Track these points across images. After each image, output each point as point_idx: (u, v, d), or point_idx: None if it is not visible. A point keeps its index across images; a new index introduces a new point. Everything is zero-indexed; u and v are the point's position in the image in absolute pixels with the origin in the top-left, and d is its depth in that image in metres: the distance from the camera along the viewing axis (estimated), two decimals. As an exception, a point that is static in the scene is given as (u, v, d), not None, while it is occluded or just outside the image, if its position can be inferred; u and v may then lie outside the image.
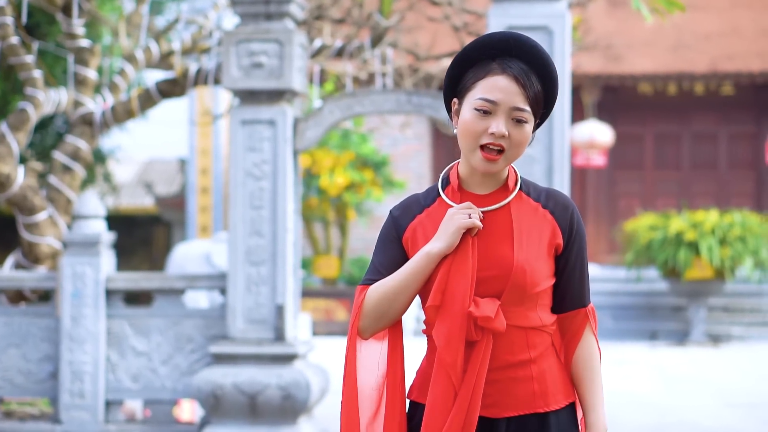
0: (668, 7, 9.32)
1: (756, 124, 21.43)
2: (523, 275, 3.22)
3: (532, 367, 3.27)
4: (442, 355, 3.19)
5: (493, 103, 3.17)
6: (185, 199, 22.33)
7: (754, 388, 13.06)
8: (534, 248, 3.26)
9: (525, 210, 3.31)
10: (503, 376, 3.24)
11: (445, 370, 3.19)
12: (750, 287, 19.11)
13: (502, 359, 3.23)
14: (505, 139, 3.19)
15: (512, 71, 3.19)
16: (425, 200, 3.36)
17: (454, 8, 11.00)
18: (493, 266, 3.22)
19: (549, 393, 3.29)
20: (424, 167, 21.25)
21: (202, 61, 10.67)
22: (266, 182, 8.49)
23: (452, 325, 3.19)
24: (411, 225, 3.33)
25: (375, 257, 3.36)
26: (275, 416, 8.40)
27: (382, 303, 3.28)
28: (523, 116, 3.19)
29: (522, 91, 3.19)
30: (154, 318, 8.81)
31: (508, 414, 3.25)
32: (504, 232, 3.26)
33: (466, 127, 3.21)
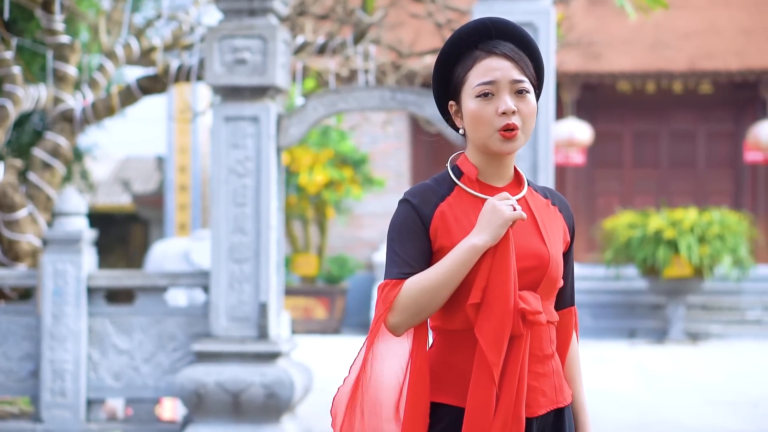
0: (652, 5, 9.33)
1: (734, 123, 21.48)
2: (557, 269, 3.22)
3: (553, 362, 3.26)
4: (487, 354, 3.10)
5: (492, 84, 3.15)
6: (163, 197, 22.25)
7: (734, 386, 13.08)
8: (557, 243, 3.26)
9: (540, 205, 3.29)
10: (535, 373, 3.19)
11: (489, 370, 3.10)
12: (728, 285, 19.16)
13: (533, 354, 3.19)
14: (516, 115, 3.15)
15: (499, 50, 3.17)
16: (440, 188, 3.24)
17: (437, 5, 10.98)
18: (529, 258, 3.17)
19: (563, 387, 3.30)
20: (403, 165, 21.22)
21: (183, 57, 10.61)
22: (249, 179, 8.45)
23: (498, 323, 3.10)
24: (436, 213, 3.19)
25: (400, 249, 3.19)
26: (258, 415, 8.36)
27: (423, 297, 3.13)
28: (523, 87, 3.16)
29: (514, 64, 3.16)
30: (137, 316, 8.75)
31: (540, 412, 3.21)
32: (529, 224, 3.22)
33: (475, 117, 3.17)
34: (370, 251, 20.99)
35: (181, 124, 21.07)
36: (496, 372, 3.09)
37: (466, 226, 3.18)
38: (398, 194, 21.06)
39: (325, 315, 19.37)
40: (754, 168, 21.19)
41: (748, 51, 20.56)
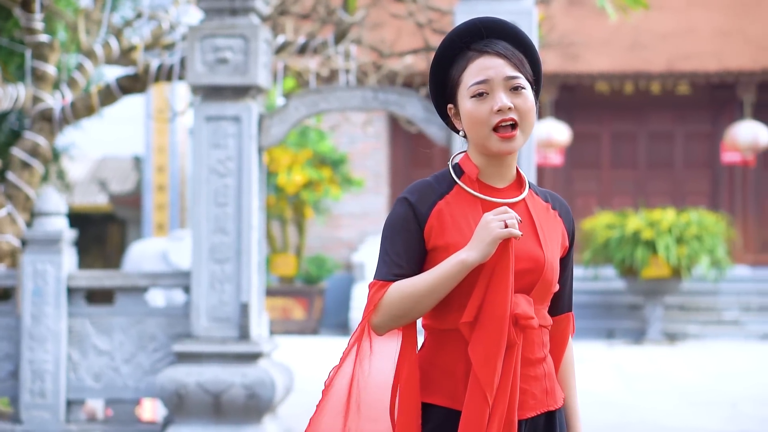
0: (632, 5, 9.34)
1: (712, 124, 21.55)
2: (552, 273, 3.20)
3: (544, 366, 3.25)
4: (479, 376, 3.09)
5: (485, 83, 3.14)
6: (141, 197, 22.18)
7: (713, 387, 13.11)
8: (555, 247, 3.24)
9: (539, 208, 3.27)
10: (525, 375, 3.18)
11: (481, 389, 3.09)
12: (706, 286, 19.22)
13: (524, 357, 3.18)
14: (513, 111, 3.14)
15: (490, 49, 3.16)
16: (440, 186, 3.22)
17: (418, 5, 10.97)
18: (524, 260, 3.15)
19: (555, 390, 3.29)
20: (381, 165, 21.21)
21: (163, 57, 10.57)
22: (231, 179, 8.42)
23: (492, 344, 3.09)
24: (433, 212, 3.18)
25: (391, 248, 3.18)
26: (240, 415, 8.33)
27: (405, 303, 3.13)
28: (518, 83, 3.15)
29: (507, 61, 3.15)
30: (117, 316, 8.71)
31: (529, 415, 3.21)
32: (527, 227, 3.21)
33: (471, 117, 3.16)
34: (348, 251, 20.97)
35: (159, 124, 21.01)
36: (490, 394, 3.08)
37: (462, 225, 3.17)
38: (376, 194, 21.07)
39: (303, 315, 19.34)
40: (731, 169, 21.26)
41: (725, 52, 20.63)
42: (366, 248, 20.36)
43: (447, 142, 8.38)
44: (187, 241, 15.01)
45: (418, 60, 13.27)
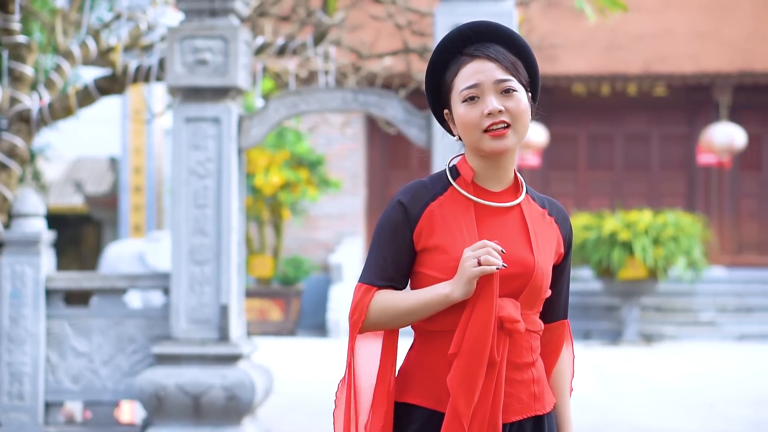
0: (611, 7, 9.36)
1: (688, 125, 21.62)
2: (542, 278, 3.20)
3: (532, 371, 3.25)
4: (456, 405, 3.11)
5: (475, 87, 3.15)
6: (117, 198, 22.11)
7: (689, 387, 13.16)
8: (547, 253, 3.25)
9: (535, 214, 3.28)
10: (510, 379, 3.19)
11: (458, 418, 3.11)
12: (682, 287, 19.30)
13: (510, 362, 3.18)
14: (504, 114, 3.15)
15: (480, 53, 3.17)
16: (435, 187, 3.24)
17: (398, 7, 10.96)
18: (513, 265, 3.15)
19: (544, 395, 3.29)
20: (358, 167, 21.20)
21: (142, 58, 10.53)
22: (210, 180, 8.40)
23: (470, 376, 3.11)
24: (425, 213, 3.21)
25: (379, 251, 3.23)
26: (219, 417, 8.31)
27: (386, 317, 3.21)
28: (509, 85, 3.16)
29: (497, 65, 3.16)
30: (95, 318, 8.68)
31: (513, 419, 3.21)
32: (518, 232, 3.22)
33: (463, 121, 3.17)
34: (325, 253, 20.96)
35: (135, 125, 20.95)
36: (465, 420, 3.10)
37: (452, 227, 3.18)
38: (354, 196, 21.07)
39: (280, 317, 19.31)
40: (707, 170, 21.34)
41: (701, 54, 20.71)
42: (343, 249, 20.36)
43: (427, 144, 8.38)
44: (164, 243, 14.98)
45: (397, 61, 13.28)
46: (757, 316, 19.14)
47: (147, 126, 20.98)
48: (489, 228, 3.20)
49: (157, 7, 11.26)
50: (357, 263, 20.64)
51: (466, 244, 3.15)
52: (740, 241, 21.51)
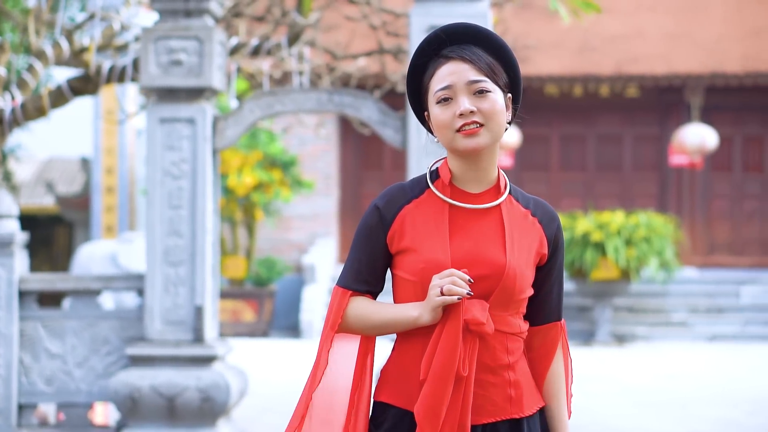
0: (585, 8, 9.38)
1: (659, 126, 21.71)
2: (514, 279, 3.18)
3: (509, 373, 3.23)
4: (422, 428, 3.13)
5: (448, 88, 3.16)
6: (90, 199, 22.03)
7: (662, 388, 13.20)
8: (524, 254, 3.23)
9: (515, 215, 3.27)
10: (483, 381, 3.18)
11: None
12: (654, 287, 19.37)
13: (483, 364, 3.18)
14: (477, 114, 3.16)
15: (454, 54, 3.18)
16: (412, 190, 3.27)
17: (372, 8, 10.96)
18: (484, 266, 3.16)
19: (523, 399, 3.26)
20: (332, 167, 21.20)
21: (115, 58, 10.50)
22: (185, 181, 8.38)
23: (435, 401, 3.12)
24: (398, 217, 3.25)
25: (355, 256, 3.28)
26: (194, 419, 8.29)
27: (359, 326, 3.27)
28: (482, 86, 3.16)
29: (471, 66, 3.17)
30: (69, 320, 8.63)
31: (485, 420, 3.21)
32: (494, 233, 3.22)
33: (437, 121, 3.19)
34: (298, 253, 20.94)
35: (108, 125, 20.88)
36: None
37: (424, 229, 3.21)
38: (327, 196, 21.06)
39: (253, 318, 19.28)
40: (678, 171, 21.43)
41: (673, 55, 20.80)
42: (316, 250, 20.35)
43: (402, 145, 8.38)
44: (136, 244, 14.93)
45: (371, 62, 13.28)
46: (728, 317, 19.24)
47: (119, 126, 20.91)
48: (462, 230, 3.21)
49: (131, 7, 11.22)
50: (330, 264, 20.64)
51: (435, 246, 3.18)
52: (712, 242, 21.61)
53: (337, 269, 20.98)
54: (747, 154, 21.67)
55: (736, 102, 21.47)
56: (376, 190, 21.49)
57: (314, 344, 18.06)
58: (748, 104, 21.56)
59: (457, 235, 3.20)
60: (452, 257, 3.16)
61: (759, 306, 19.47)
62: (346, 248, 21.58)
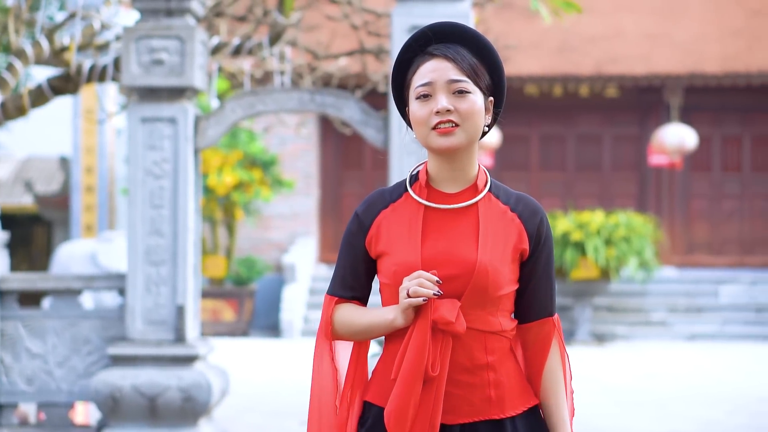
0: (566, 8, 9.40)
1: (639, 126, 21.77)
2: (486, 277, 3.16)
3: (488, 373, 3.21)
4: (390, 428, 3.16)
5: (428, 85, 3.17)
6: (69, 198, 21.97)
7: (641, 387, 13.24)
8: (499, 251, 3.20)
9: (493, 212, 3.25)
10: (458, 381, 3.18)
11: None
12: (633, 287, 19.43)
13: (459, 363, 3.17)
14: (453, 113, 3.16)
15: (438, 52, 3.19)
16: (391, 195, 3.30)
17: (353, 7, 10.96)
18: (455, 265, 3.16)
19: (506, 399, 3.23)
20: (312, 167, 21.19)
21: (96, 57, 10.47)
22: (167, 181, 8.36)
23: (403, 402, 3.14)
24: (375, 222, 3.28)
25: (340, 263, 3.34)
26: (175, 418, 8.28)
27: (345, 332, 3.32)
28: (462, 86, 3.17)
29: (454, 65, 3.18)
30: (50, 319, 8.61)
31: (462, 421, 3.20)
32: (470, 232, 3.21)
33: (414, 117, 3.21)
34: (278, 253, 20.93)
35: (87, 124, 20.82)
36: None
37: (397, 232, 3.24)
38: (307, 196, 21.05)
39: (233, 317, 19.26)
40: (658, 171, 21.49)
41: (652, 56, 20.86)
42: (296, 249, 20.33)
43: (384, 144, 8.38)
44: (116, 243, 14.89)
45: (353, 62, 13.28)
46: (707, 316, 19.31)
47: (99, 125, 20.86)
48: (436, 230, 3.22)
49: (111, 6, 11.19)
50: (310, 263, 20.63)
51: (407, 248, 3.20)
52: (691, 242, 21.68)
53: (317, 269, 20.97)
54: (726, 154, 21.76)
55: (715, 102, 21.55)
56: (356, 189, 21.49)
57: (294, 343, 18.09)
58: (727, 104, 21.64)
59: (431, 236, 3.20)
60: (423, 258, 3.17)
61: (738, 305, 19.56)
62: (327, 248, 21.58)
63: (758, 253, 21.47)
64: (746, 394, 12.75)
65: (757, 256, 21.44)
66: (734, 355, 16.81)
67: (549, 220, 12.91)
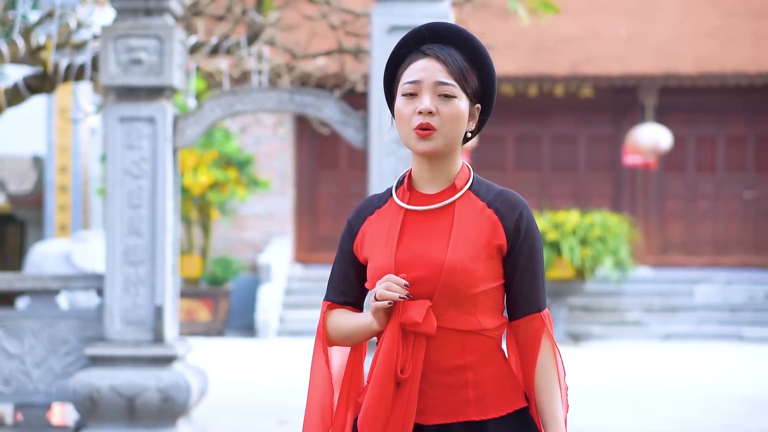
0: (544, 9, 9.42)
1: (614, 126, 21.81)
2: (455, 276, 3.14)
3: (467, 374, 3.18)
4: (362, 426, 3.19)
5: (415, 83, 3.18)
6: (43, 198, 21.87)
7: (618, 387, 13.27)
8: (471, 249, 3.17)
9: (470, 210, 3.23)
10: (434, 382, 3.17)
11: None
12: (609, 287, 19.47)
13: (435, 364, 3.16)
14: (435, 117, 3.17)
15: (431, 52, 3.20)
16: (379, 201, 3.34)
17: (332, 7, 10.94)
18: (424, 266, 3.15)
19: (488, 400, 3.20)
20: (287, 167, 21.15)
21: (72, 56, 10.42)
22: (145, 181, 8.34)
23: (373, 404, 3.15)
24: (362, 228, 3.31)
25: (333, 266, 3.38)
26: (154, 419, 8.25)
27: (337, 338, 3.34)
28: (448, 90, 3.17)
29: (443, 66, 3.18)
30: (27, 319, 8.57)
31: (438, 421, 3.18)
32: (444, 232, 3.20)
33: (398, 114, 3.22)
34: (254, 253, 20.89)
35: (61, 123, 20.73)
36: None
37: (378, 237, 3.26)
38: (282, 195, 21.01)
39: (208, 317, 19.21)
40: (632, 171, 21.54)
41: (627, 56, 20.91)
42: (272, 249, 20.30)
43: (363, 144, 8.36)
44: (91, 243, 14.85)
45: (331, 62, 13.25)
46: (682, 316, 19.38)
47: (73, 125, 20.77)
48: (413, 233, 3.22)
49: (87, 5, 11.15)
50: (286, 263, 20.59)
51: (384, 252, 3.21)
52: (665, 242, 21.74)
53: (292, 269, 20.94)
54: (700, 155, 21.82)
55: (690, 103, 21.62)
56: (331, 189, 21.47)
57: (269, 343, 18.06)
58: (701, 105, 21.71)
59: (408, 238, 3.21)
60: (396, 261, 3.18)
61: (712, 305, 19.63)
62: (302, 248, 21.55)
63: (732, 253, 21.55)
64: (722, 393, 12.79)
65: (731, 256, 21.52)
66: (709, 354, 16.87)
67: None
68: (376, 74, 8.04)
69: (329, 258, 21.10)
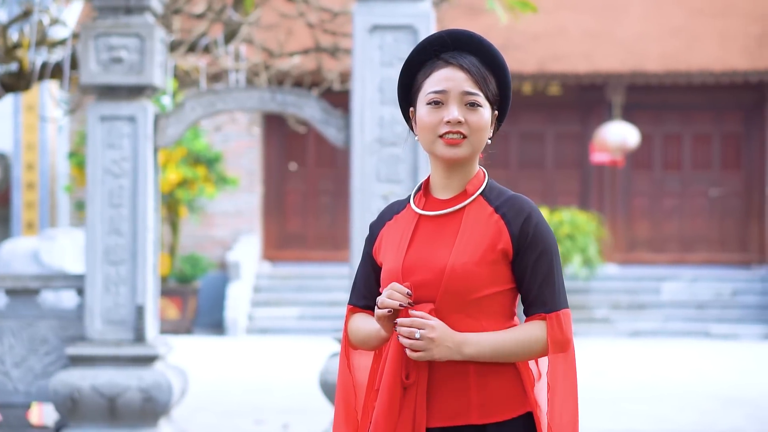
0: (522, 8, 9.46)
1: (581, 124, 21.89)
2: (457, 280, 3.17)
3: (470, 377, 3.20)
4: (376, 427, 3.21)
5: (442, 93, 3.20)
6: (9, 195, 21.71)
7: (590, 385, 13.29)
8: (476, 253, 3.21)
9: (478, 215, 3.26)
10: (440, 386, 3.19)
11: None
12: (577, 284, 19.53)
13: (439, 368, 3.19)
14: (463, 125, 3.20)
15: (456, 61, 3.22)
16: (399, 205, 3.38)
17: (309, 6, 10.93)
18: (428, 271, 3.19)
19: (491, 404, 3.21)
20: (255, 164, 21.11)
21: (49, 54, 10.36)
22: (126, 180, 8.31)
23: (383, 410, 3.18)
24: (381, 233, 3.35)
25: (357, 270, 3.42)
26: (135, 419, 8.23)
27: (354, 342, 3.39)
28: (475, 99, 3.21)
29: (469, 76, 3.21)
30: (6, 319, 8.52)
31: (440, 424, 3.20)
32: (451, 236, 3.23)
33: (422, 123, 3.24)
34: (222, 250, 20.84)
35: (28, 120, 20.59)
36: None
37: (392, 243, 3.29)
38: (250, 193, 20.97)
39: (176, 315, 19.17)
40: (599, 169, 21.62)
41: (594, 54, 20.99)
42: (240, 247, 20.26)
43: (345, 144, 8.36)
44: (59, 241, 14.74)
45: (308, 60, 13.23)
46: (649, 313, 19.50)
47: (41, 122, 20.65)
48: (422, 237, 3.25)
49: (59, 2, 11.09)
50: (254, 261, 20.56)
51: (394, 256, 3.24)
52: (633, 239, 21.84)
53: (261, 266, 20.91)
54: (666, 153, 21.93)
55: (657, 100, 21.73)
56: (299, 186, 21.44)
57: (238, 342, 18.03)
58: (667, 103, 21.82)
59: (418, 243, 3.24)
60: (404, 265, 3.22)
61: (679, 302, 19.76)
62: (270, 245, 21.51)
63: (698, 251, 21.68)
64: (693, 390, 12.88)
65: (697, 254, 21.64)
66: (677, 351, 16.98)
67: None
68: (358, 74, 8.02)
69: (297, 255, 21.11)
